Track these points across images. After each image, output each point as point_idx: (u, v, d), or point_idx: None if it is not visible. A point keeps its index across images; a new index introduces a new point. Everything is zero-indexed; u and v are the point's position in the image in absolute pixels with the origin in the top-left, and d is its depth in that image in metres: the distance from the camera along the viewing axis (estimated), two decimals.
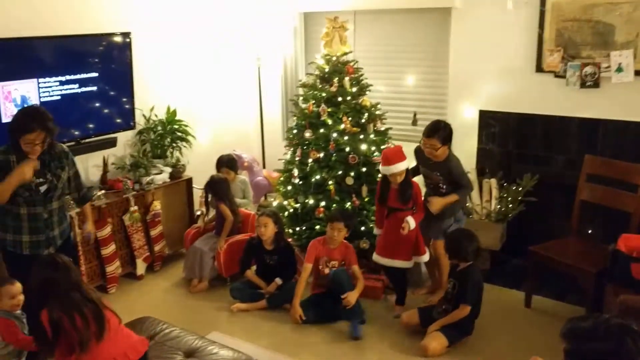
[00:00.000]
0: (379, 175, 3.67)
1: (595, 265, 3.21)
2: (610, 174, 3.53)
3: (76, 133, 3.85)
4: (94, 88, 3.91)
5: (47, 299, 2.25)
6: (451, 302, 3.19)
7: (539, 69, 3.97)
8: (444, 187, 3.47)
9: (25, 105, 3.38)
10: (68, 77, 3.73)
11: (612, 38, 3.71)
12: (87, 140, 3.92)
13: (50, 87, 3.65)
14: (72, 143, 3.81)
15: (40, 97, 3.60)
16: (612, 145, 3.79)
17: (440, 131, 3.37)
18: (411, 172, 3.56)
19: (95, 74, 3.90)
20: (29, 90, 3.53)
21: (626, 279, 2.95)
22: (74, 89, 3.79)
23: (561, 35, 3.86)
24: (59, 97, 3.71)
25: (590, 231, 3.80)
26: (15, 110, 3.21)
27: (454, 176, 3.44)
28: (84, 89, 3.85)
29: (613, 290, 2.93)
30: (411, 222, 3.36)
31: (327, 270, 3.52)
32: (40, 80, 3.59)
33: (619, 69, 3.68)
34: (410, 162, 3.55)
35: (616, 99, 3.73)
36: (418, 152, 3.62)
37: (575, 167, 3.77)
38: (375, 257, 3.56)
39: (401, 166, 3.37)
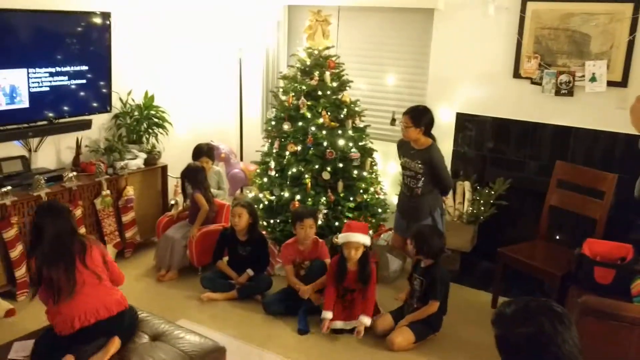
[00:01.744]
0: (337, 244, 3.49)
1: (561, 269, 3.29)
2: (579, 181, 3.62)
3: (50, 114, 3.78)
4: (71, 69, 3.83)
5: (36, 244, 2.48)
6: (421, 299, 3.23)
7: (517, 74, 4.04)
8: (422, 178, 3.51)
9: None
10: (42, 56, 3.65)
11: (587, 48, 3.80)
12: (61, 120, 3.85)
13: (37, 74, 3.58)
14: (45, 122, 3.75)
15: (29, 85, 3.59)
16: (583, 153, 3.89)
17: (414, 111, 3.50)
18: None
19: (72, 55, 3.82)
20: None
21: (589, 281, 3.04)
22: (51, 72, 3.71)
23: (539, 42, 3.94)
24: (40, 81, 3.65)
25: (557, 237, 3.89)
26: None
27: (434, 167, 3.48)
28: (59, 71, 3.77)
29: (576, 292, 3.01)
30: (367, 321, 3.20)
31: (302, 272, 3.52)
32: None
33: (593, 79, 3.78)
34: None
35: (589, 108, 3.83)
36: (401, 145, 3.68)
37: (546, 173, 3.85)
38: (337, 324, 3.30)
39: (361, 238, 3.22)
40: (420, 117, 3.48)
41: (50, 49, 3.71)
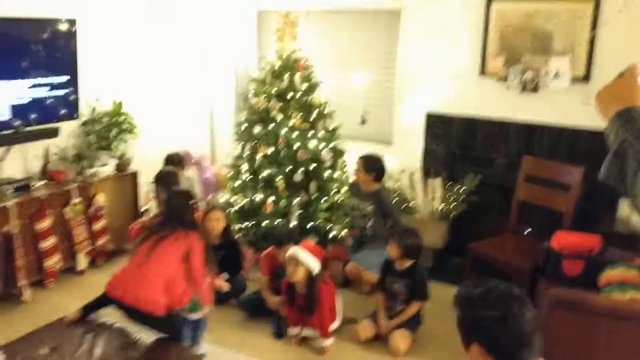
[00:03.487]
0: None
1: (529, 262, 3.36)
2: (546, 175, 3.70)
3: (16, 122, 3.71)
4: (36, 74, 3.78)
5: None
6: (406, 302, 3.24)
7: (483, 72, 4.11)
8: (370, 219, 3.79)
9: None
10: (8, 66, 3.60)
11: (550, 45, 3.88)
12: (28, 129, 3.78)
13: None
14: (11, 131, 3.68)
15: None
16: (549, 148, 3.96)
17: (368, 157, 3.84)
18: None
19: (38, 62, 3.76)
20: None
21: (557, 274, 3.11)
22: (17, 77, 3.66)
23: (504, 40, 4.02)
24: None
25: (526, 232, 3.95)
26: None
27: (383, 206, 3.77)
28: (35, 83, 3.73)
29: (545, 285, 3.07)
30: (325, 343, 3.15)
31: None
32: None
33: (557, 75, 3.86)
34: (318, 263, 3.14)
35: (553, 104, 3.91)
36: (352, 187, 3.97)
37: (514, 168, 3.92)
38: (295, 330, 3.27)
39: (304, 258, 3.03)
40: (373, 164, 3.78)
41: (16, 57, 3.64)
